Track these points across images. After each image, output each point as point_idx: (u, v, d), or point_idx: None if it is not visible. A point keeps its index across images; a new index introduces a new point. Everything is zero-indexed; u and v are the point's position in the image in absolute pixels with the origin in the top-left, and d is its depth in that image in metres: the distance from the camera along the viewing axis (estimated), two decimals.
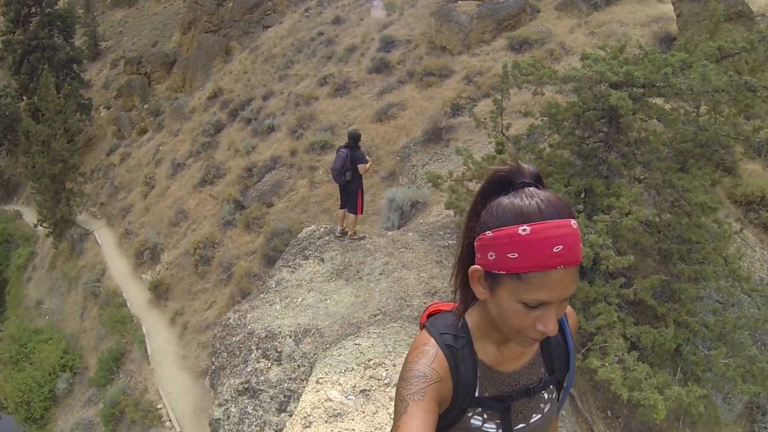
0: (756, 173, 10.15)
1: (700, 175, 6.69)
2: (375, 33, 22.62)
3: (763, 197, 9.55)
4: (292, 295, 6.99)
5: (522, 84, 6.98)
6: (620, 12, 16.54)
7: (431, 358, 1.30)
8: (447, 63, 17.32)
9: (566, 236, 1.13)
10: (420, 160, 13.17)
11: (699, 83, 5.97)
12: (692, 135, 6.79)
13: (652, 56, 6.50)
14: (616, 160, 6.81)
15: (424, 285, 6.62)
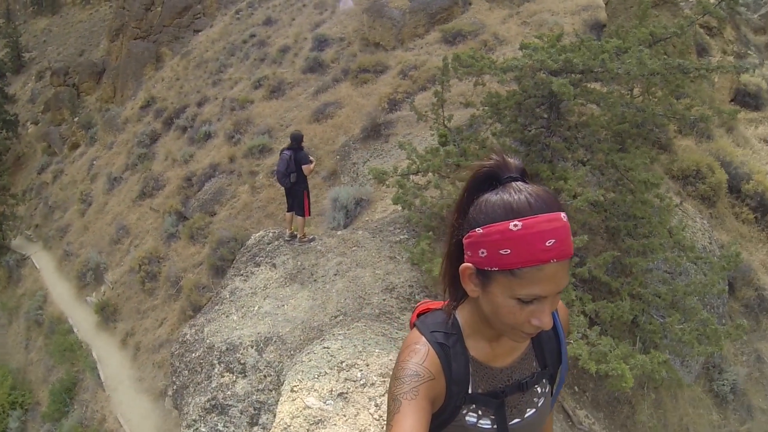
0: (689, 149, 10.63)
1: (638, 154, 6.93)
2: (307, 32, 22.43)
3: (698, 171, 9.99)
4: (248, 304, 6.83)
5: (463, 75, 7.06)
6: (551, 1, 16.88)
7: (423, 356, 1.28)
8: (381, 59, 17.32)
9: (558, 229, 1.13)
10: (360, 157, 13.12)
11: (636, 67, 6.17)
12: (631, 116, 7.04)
13: (588, 43, 6.73)
14: (559, 144, 6.98)
15: (381, 282, 6.58)
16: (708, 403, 8.07)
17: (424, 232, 6.47)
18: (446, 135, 7.40)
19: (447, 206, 6.28)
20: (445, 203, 6.26)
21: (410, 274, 6.60)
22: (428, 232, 6.33)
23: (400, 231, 7.49)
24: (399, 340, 5.36)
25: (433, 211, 6.66)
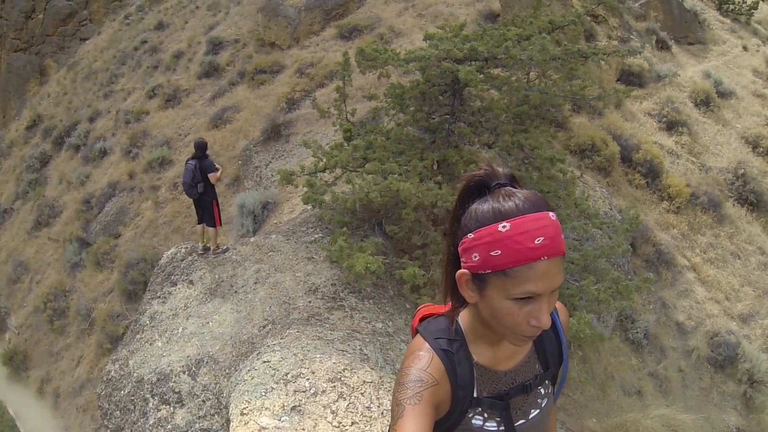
0: (584, 125, 11.37)
1: (539, 133, 7.26)
2: (201, 36, 21.70)
3: (593, 145, 10.76)
4: (171, 328, 6.49)
5: (366, 69, 7.08)
6: None
7: (427, 362, 1.31)
8: (277, 58, 17.07)
9: (546, 227, 1.16)
10: (263, 160, 12.89)
11: (539, 53, 6.47)
12: (534, 99, 7.39)
13: (490, 32, 6.96)
14: (465, 129, 7.17)
15: (303, 284, 6.46)
16: (626, 351, 8.62)
17: (338, 228, 6.45)
18: (350, 130, 7.39)
19: (359, 200, 6.27)
20: (357, 198, 6.24)
21: (331, 273, 6.52)
22: (342, 228, 6.33)
23: (313, 230, 7.39)
24: (336, 342, 5.28)
25: (346, 207, 6.64)
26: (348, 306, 6.09)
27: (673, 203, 11.55)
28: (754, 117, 15.31)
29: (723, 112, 14.97)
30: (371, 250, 5.87)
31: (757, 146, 14.27)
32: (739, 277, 11.15)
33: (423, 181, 6.21)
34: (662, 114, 13.63)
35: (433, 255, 6.29)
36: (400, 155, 6.82)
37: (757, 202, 12.66)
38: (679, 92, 14.67)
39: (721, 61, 17.44)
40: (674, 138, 13.36)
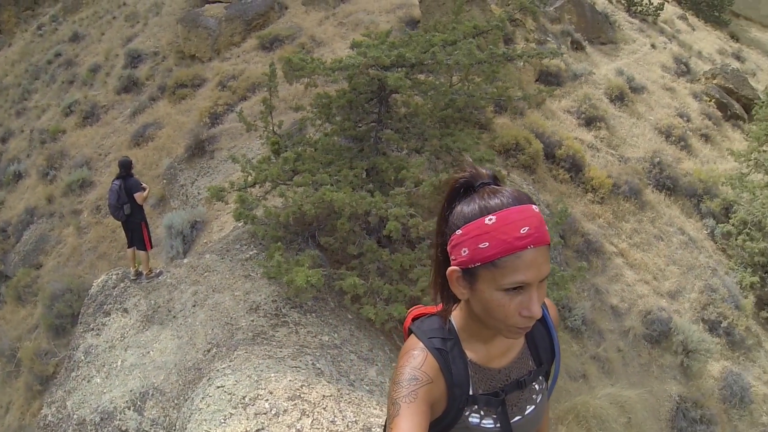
0: (507, 125, 11.67)
1: (465, 136, 7.41)
2: (119, 48, 20.85)
3: (517, 144, 11.05)
4: (109, 361, 6.15)
5: (293, 79, 7.02)
6: (365, 1, 17.18)
7: (421, 361, 1.34)
8: (198, 71, 16.65)
9: (530, 218, 1.22)
10: (188, 178, 12.49)
11: (465, 57, 6.59)
12: (463, 101, 7.55)
13: (416, 38, 7.05)
14: (393, 136, 7.24)
15: (243, 303, 6.30)
16: (567, 338, 8.90)
17: (272, 243, 6.35)
18: (278, 142, 7.30)
19: (293, 213, 6.20)
20: (289, 211, 6.16)
21: (270, 289, 6.41)
22: (277, 243, 6.23)
23: (247, 247, 7.23)
24: (287, 359, 5.18)
25: (279, 221, 6.54)
26: (292, 321, 6.00)
27: (597, 194, 12.00)
28: (665, 109, 16.20)
29: (637, 106, 15.74)
30: (309, 263, 5.82)
31: (670, 135, 15.09)
32: (664, 258, 11.76)
33: (355, 190, 6.22)
34: (580, 111, 14.16)
35: (369, 263, 6.30)
36: (330, 165, 6.80)
37: (673, 187, 13.38)
38: (595, 89, 15.29)
39: (632, 58, 18.30)
40: (593, 133, 13.89)
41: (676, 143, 15.08)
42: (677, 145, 15.04)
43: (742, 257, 12.47)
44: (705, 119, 16.66)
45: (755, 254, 12.13)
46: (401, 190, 6.22)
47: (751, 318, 11.66)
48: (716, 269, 12.18)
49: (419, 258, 6.28)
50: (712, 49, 23.52)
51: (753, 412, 10.07)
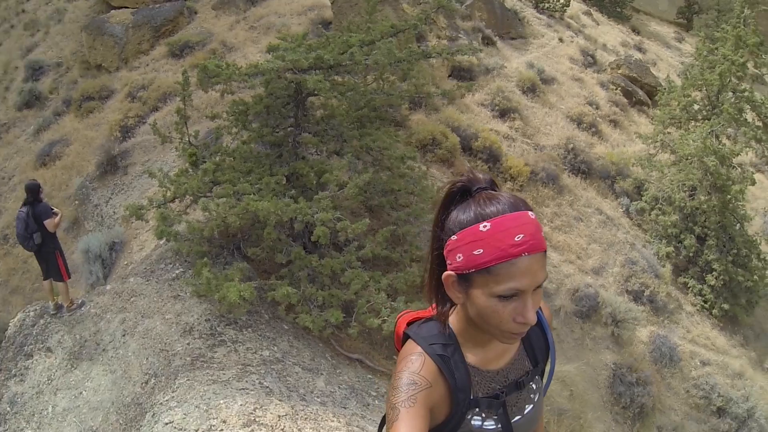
0: (422, 121, 11.86)
1: (381, 135, 7.45)
2: (19, 59, 19.54)
3: (434, 139, 11.26)
4: (38, 409, 5.65)
5: (209, 86, 6.78)
6: (277, 4, 16.95)
7: (419, 365, 1.33)
8: (106, 82, 15.85)
9: (525, 225, 1.22)
10: (102, 197, 11.84)
11: (385, 57, 6.58)
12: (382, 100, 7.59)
13: (334, 39, 6.99)
14: (312, 139, 7.17)
15: (176, 326, 6.00)
16: None
17: (198, 260, 6.12)
18: (195, 153, 7.05)
19: (217, 226, 6.03)
20: (213, 224, 5.98)
21: (202, 308, 6.17)
22: (203, 259, 6.02)
23: (173, 266, 6.92)
24: (232, 382, 4.98)
25: (203, 236, 6.33)
26: (229, 340, 5.80)
27: (516, 182, 12.39)
28: (574, 98, 16.95)
29: (548, 97, 16.37)
30: (238, 276, 5.67)
31: (581, 123, 15.82)
32: (585, 237, 12.31)
33: (278, 198, 6.12)
34: (494, 103, 14.56)
35: (299, 271, 6.23)
36: (250, 174, 6.64)
37: (588, 170, 14.06)
38: (507, 82, 15.77)
39: (541, 52, 19.00)
40: (508, 124, 14.32)
41: (588, 130, 15.83)
42: (589, 132, 15.79)
43: (657, 230, 13.40)
44: (613, 106, 17.58)
45: (668, 227, 13.05)
46: (325, 195, 6.18)
47: (670, 284, 12.58)
48: (634, 243, 12.96)
49: (348, 261, 6.27)
50: (615, 41, 24.79)
51: (683, 369, 10.91)
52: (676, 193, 13.12)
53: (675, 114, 14.30)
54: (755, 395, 11.50)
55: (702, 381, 10.99)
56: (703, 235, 12.98)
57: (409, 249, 7.01)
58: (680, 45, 30.96)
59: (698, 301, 12.65)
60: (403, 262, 6.81)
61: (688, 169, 12.98)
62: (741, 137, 13.28)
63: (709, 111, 13.85)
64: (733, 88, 13.35)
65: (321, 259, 6.20)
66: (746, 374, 12.17)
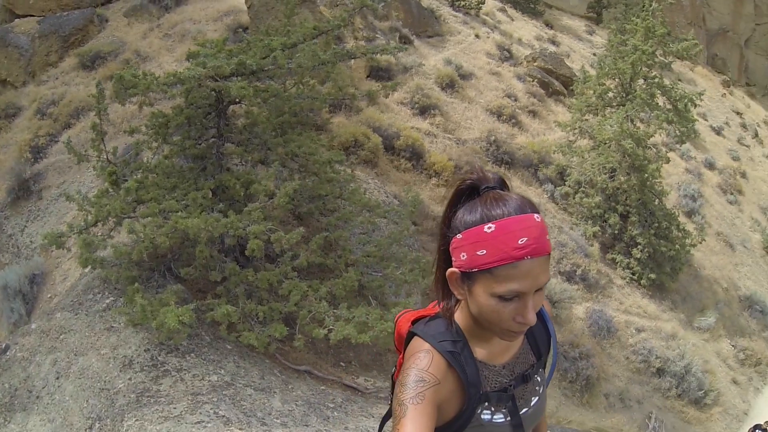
0: (343, 124, 11.88)
1: (304, 140, 7.34)
2: None
3: (356, 141, 11.33)
4: None
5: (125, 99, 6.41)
6: (191, 10, 16.44)
7: (428, 362, 1.35)
8: (12, 99, 14.82)
9: (530, 228, 1.24)
10: (16, 225, 11.02)
11: (309, 60, 6.44)
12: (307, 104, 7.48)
13: (255, 43, 6.77)
14: (237, 149, 6.98)
15: (113, 361, 5.58)
16: None
17: (129, 286, 5.78)
18: (115, 172, 6.67)
19: (146, 249, 5.69)
20: (142, 246, 5.63)
21: (139, 338, 5.78)
22: (134, 285, 5.70)
23: (102, 296, 6.48)
24: (185, 415, 4.71)
25: (131, 260, 5.96)
26: (173, 369, 5.48)
27: (441, 178, 12.56)
28: (493, 92, 17.38)
29: (467, 92, 16.69)
30: (174, 300, 5.39)
31: (501, 115, 16.23)
32: None
33: (206, 213, 5.91)
34: (414, 101, 14.68)
35: (236, 287, 6.05)
36: (174, 190, 6.35)
37: (511, 160, 14.50)
38: (425, 80, 15.92)
39: (458, 48, 19.31)
40: (429, 121, 14.49)
41: (508, 121, 16.27)
42: (509, 123, 16.23)
43: (582, 212, 14.10)
44: (530, 97, 18.14)
45: (592, 208, 13.78)
46: (255, 206, 6.02)
47: (599, 262, 13.29)
48: (562, 227, 13.51)
49: (284, 272, 6.14)
50: (530, 36, 25.57)
51: (620, 338, 11.64)
52: (598, 175, 13.82)
53: (591, 102, 14.99)
54: (689, 352, 12.59)
55: (639, 347, 11.77)
56: (625, 213, 13.84)
57: (343, 254, 6.95)
58: (591, 37, 32.58)
59: (627, 274, 13.51)
60: (339, 268, 6.74)
61: (607, 153, 13.66)
62: (654, 120, 14.14)
63: (623, 98, 14.61)
64: (645, 76, 14.21)
65: (257, 273, 6.05)
66: (678, 335, 13.20)
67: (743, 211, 22.47)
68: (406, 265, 6.95)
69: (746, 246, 20.36)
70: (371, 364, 7.35)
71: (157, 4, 16.77)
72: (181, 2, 16.95)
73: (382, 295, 6.94)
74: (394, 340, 1.71)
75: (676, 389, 11.97)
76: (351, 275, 6.40)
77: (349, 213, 7.27)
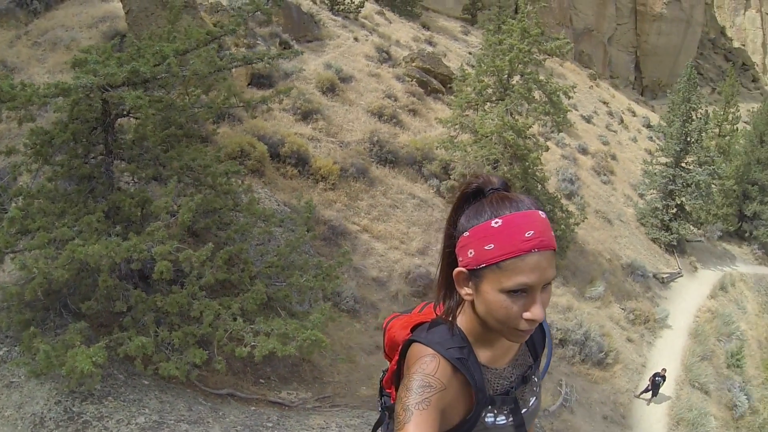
0: (228, 134, 11.64)
1: (193, 152, 6.95)
2: None
3: (242, 150, 11.17)
4: None
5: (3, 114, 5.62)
6: (63, 16, 15.11)
7: (434, 368, 1.34)
8: None
9: (536, 222, 1.25)
10: None
11: (206, 66, 6.07)
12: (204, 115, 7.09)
13: (146, 50, 6.20)
14: (130, 166, 6.46)
15: (22, 421, 4.84)
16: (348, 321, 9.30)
17: (24, 331, 5.09)
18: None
19: (40, 286, 4.95)
20: (36, 284, 4.90)
21: (46, 390, 5.07)
22: (29, 329, 5.00)
23: None
24: None
25: (22, 300, 5.24)
26: (92, 418, 4.88)
27: (328, 182, 12.64)
28: (373, 93, 17.59)
29: (348, 94, 16.78)
30: (79, 339, 4.77)
31: (382, 115, 16.52)
32: (404, 222, 12.96)
33: (103, 237, 5.38)
34: (296, 107, 14.61)
35: (143, 316, 5.55)
36: (63, 216, 5.69)
37: (395, 159, 14.80)
38: (306, 85, 15.88)
39: (338, 52, 19.38)
40: (312, 125, 14.49)
41: (389, 121, 16.56)
42: (390, 123, 16.53)
43: None
44: (410, 97, 18.58)
45: None
46: (158, 225, 5.59)
47: None
48: None
49: (192, 293, 5.77)
50: (408, 37, 26.39)
51: None
52: (481, 167, 14.43)
53: (471, 98, 15.59)
54: (586, 320, 13.67)
55: None
56: None
57: (245, 267, 6.66)
58: (467, 37, 34.35)
59: None
60: (244, 282, 6.47)
61: (489, 145, 14.30)
62: (532, 112, 15.06)
63: (501, 93, 15.37)
64: (521, 72, 15.05)
65: (165, 298, 5.60)
66: (573, 306, 14.29)
67: (616, 189, 24.83)
68: (309, 271, 6.83)
69: (622, 220, 22.62)
70: (289, 376, 7.15)
71: (25, 9, 15.23)
72: (51, 7, 15.56)
73: (290, 304, 6.79)
74: (385, 347, 1.70)
75: (579, 355, 12.99)
76: (259, 288, 6.14)
77: (245, 225, 7.01)
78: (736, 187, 29.30)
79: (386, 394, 1.68)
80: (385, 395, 1.69)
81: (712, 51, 74.28)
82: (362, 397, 7.23)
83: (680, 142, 23.53)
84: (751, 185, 29.53)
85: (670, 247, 23.38)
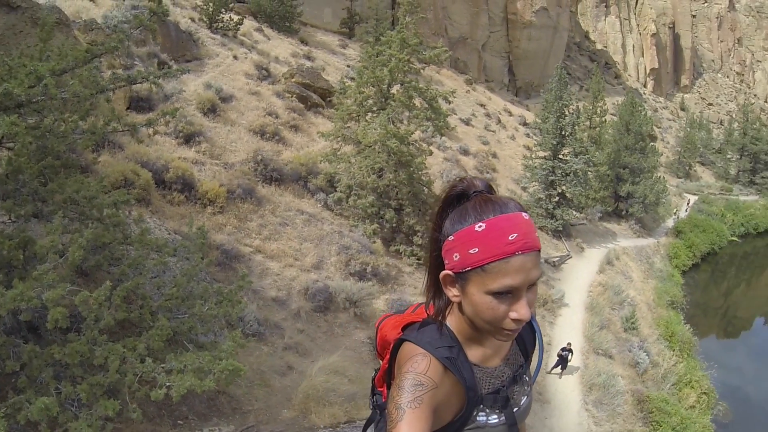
0: (109, 162, 11.03)
1: (75, 182, 6.45)
2: None
3: (125, 179, 10.60)
4: None
5: None
6: None
7: (426, 366, 1.35)
8: None
9: (519, 225, 1.28)
10: None
11: (88, 87, 5.63)
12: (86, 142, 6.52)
13: (17, 69, 5.57)
14: (6, 204, 5.81)
15: None
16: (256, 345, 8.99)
17: None
18: None
19: None
20: None
21: None
22: None
23: None
24: None
25: None
26: None
27: (216, 205, 12.36)
28: (254, 111, 17.39)
29: (229, 114, 16.48)
30: None
31: (264, 133, 16.42)
32: (295, 239, 12.94)
33: None
34: (177, 130, 14.18)
35: (40, 372, 5.03)
36: None
37: (280, 177, 14.77)
38: (187, 106, 15.42)
39: (217, 71, 19.00)
40: (195, 148, 14.14)
41: (272, 139, 16.52)
42: (273, 140, 16.50)
43: (358, 214, 14.94)
44: (291, 113, 18.59)
45: (367, 207, 14.67)
46: (46, 267, 5.09)
47: (385, 256, 14.31)
48: (341, 231, 14.13)
49: (92, 338, 5.31)
50: (287, 53, 26.42)
51: None
52: (367, 177, 14.71)
53: (352, 110, 15.84)
54: None
55: None
56: (399, 206, 15.07)
57: (145, 303, 6.22)
58: (345, 51, 34.85)
59: (413, 261, 14.74)
60: (146, 319, 6.03)
61: (373, 155, 14.60)
62: (413, 119, 15.55)
63: (382, 103, 15.73)
64: (402, 81, 15.52)
65: (63, 348, 5.11)
66: None
67: (500, 185, 26.33)
68: (210, 299, 6.56)
69: None
70: (208, 412, 6.83)
71: None
72: None
73: (196, 336, 6.48)
74: (376, 346, 1.72)
75: None
76: (163, 323, 5.77)
77: (139, 258, 6.54)
78: (609, 171, 33.49)
79: (378, 393, 1.69)
80: (377, 394, 1.69)
81: (578, 53, 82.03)
82: (285, 420, 7.05)
83: (556, 136, 25.65)
84: (623, 168, 33.82)
85: (557, 232, 25.46)
